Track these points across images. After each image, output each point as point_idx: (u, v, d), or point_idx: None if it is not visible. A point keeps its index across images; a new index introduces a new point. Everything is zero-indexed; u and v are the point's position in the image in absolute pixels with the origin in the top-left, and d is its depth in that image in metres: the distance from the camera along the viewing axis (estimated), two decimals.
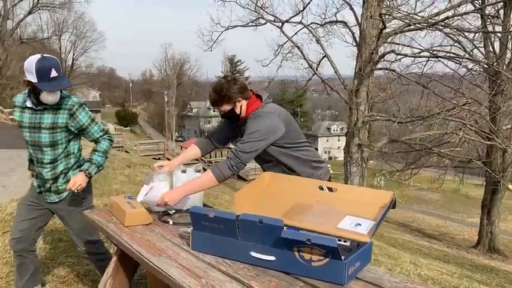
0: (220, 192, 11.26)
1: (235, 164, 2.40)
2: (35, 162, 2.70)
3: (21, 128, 2.64)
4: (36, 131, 2.60)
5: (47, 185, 2.72)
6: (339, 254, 1.53)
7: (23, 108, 2.62)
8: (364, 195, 2.14)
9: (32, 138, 2.62)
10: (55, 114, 2.60)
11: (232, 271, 1.70)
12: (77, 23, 45.33)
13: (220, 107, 2.57)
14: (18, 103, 2.65)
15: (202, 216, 1.82)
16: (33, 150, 2.67)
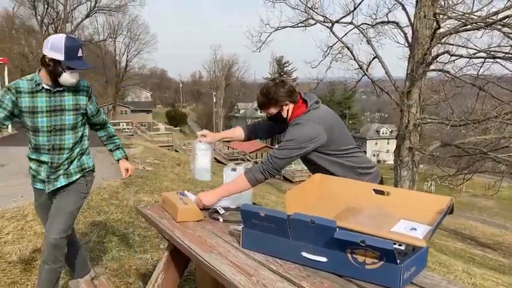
0: (266, 193, 11.28)
1: (267, 169, 2.40)
2: (50, 149, 2.56)
3: (31, 114, 2.47)
4: (58, 114, 2.52)
5: (58, 172, 2.62)
6: (394, 258, 1.49)
7: (33, 93, 2.46)
8: (419, 199, 2.07)
9: (52, 123, 2.51)
10: (75, 96, 2.57)
11: (283, 271, 1.69)
12: (131, 26, 46.97)
13: (267, 109, 2.56)
14: (24, 88, 2.47)
15: (253, 214, 1.82)
16: (49, 137, 2.53)
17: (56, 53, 2.36)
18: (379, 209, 2.07)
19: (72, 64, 2.38)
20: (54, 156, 2.56)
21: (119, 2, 40.57)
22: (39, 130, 2.49)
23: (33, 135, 2.52)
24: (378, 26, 14.76)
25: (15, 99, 2.43)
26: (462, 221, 24.22)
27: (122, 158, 2.86)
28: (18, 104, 2.44)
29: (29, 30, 37.01)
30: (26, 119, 2.47)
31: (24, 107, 2.45)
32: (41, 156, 2.57)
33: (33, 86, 2.46)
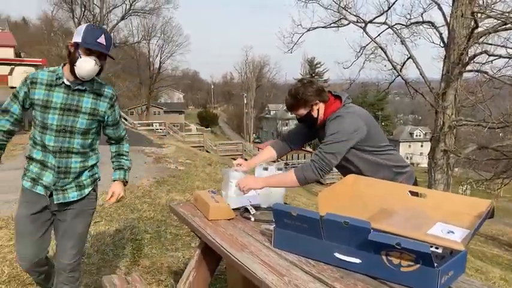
0: (297, 194, 11.23)
1: (319, 166, 2.33)
2: (56, 152, 2.29)
3: (44, 108, 2.26)
4: (71, 114, 2.29)
5: (67, 180, 2.34)
6: (431, 261, 1.44)
7: (51, 86, 2.27)
8: (457, 202, 2.00)
9: (61, 122, 2.27)
10: (96, 100, 2.36)
11: (316, 271, 1.67)
12: (164, 28, 47.63)
13: (296, 111, 2.52)
14: (41, 79, 2.28)
15: (285, 214, 1.81)
16: (56, 137, 2.28)
17: (77, 36, 2.21)
18: (414, 211, 2.02)
19: (88, 45, 2.19)
20: (61, 160, 2.30)
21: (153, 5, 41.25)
22: (47, 127, 2.27)
23: (40, 132, 2.29)
24: (412, 26, 14.48)
25: (27, 90, 2.27)
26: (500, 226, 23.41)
27: (118, 180, 2.55)
28: (30, 96, 2.27)
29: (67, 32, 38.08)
30: (37, 113, 2.27)
31: (37, 99, 2.26)
32: (47, 157, 2.30)
33: (53, 79, 2.28)
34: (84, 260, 3.62)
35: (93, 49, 2.20)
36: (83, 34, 2.19)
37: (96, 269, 3.52)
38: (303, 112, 2.50)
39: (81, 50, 2.20)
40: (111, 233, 4.37)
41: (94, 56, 2.21)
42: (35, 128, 2.31)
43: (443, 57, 13.10)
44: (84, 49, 2.20)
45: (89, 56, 2.20)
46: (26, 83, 2.28)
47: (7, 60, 19.48)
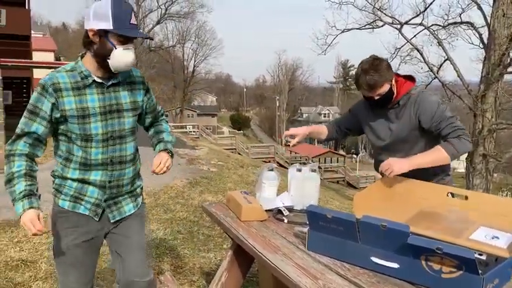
0: (330, 198, 11.10)
1: (466, 137, 2.28)
2: (107, 164, 1.90)
3: (81, 118, 1.82)
4: (116, 116, 1.89)
5: (121, 193, 1.98)
6: (475, 267, 1.37)
7: (79, 89, 1.82)
8: (501, 205, 1.91)
9: (109, 128, 1.88)
10: (131, 90, 1.96)
11: (351, 275, 1.62)
12: (198, 32, 48.29)
13: (381, 87, 2.33)
14: (65, 83, 1.80)
15: (319, 216, 1.76)
16: (105, 147, 1.88)
17: (101, 22, 1.73)
18: (456, 213, 1.94)
19: (125, 32, 1.75)
20: (114, 174, 1.92)
21: (188, 9, 41.95)
22: (91, 139, 1.84)
23: (80, 146, 1.85)
24: (449, 27, 14.11)
25: (54, 101, 1.78)
26: None
27: (163, 150, 2.11)
28: (60, 107, 1.79)
29: None
30: (73, 126, 1.82)
31: (70, 110, 1.80)
32: (91, 174, 1.89)
33: (78, 80, 1.82)
34: None
35: (130, 36, 1.78)
36: (113, 16, 1.72)
37: None
38: (386, 88, 2.34)
39: (113, 38, 1.75)
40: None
41: (131, 43, 1.81)
42: (67, 142, 1.87)
43: (482, 59, 12.70)
44: (118, 37, 1.76)
45: (125, 44, 1.78)
46: (48, 92, 1.77)
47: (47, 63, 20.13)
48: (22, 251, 3.85)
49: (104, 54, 1.77)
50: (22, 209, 1.72)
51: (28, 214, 1.70)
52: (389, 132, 2.49)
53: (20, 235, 4.26)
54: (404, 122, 2.42)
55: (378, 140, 2.57)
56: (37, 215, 1.71)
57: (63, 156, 1.90)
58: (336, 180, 31.19)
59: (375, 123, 2.56)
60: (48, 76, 1.80)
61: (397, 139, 2.46)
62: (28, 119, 1.80)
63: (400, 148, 2.45)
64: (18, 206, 1.73)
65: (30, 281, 3.27)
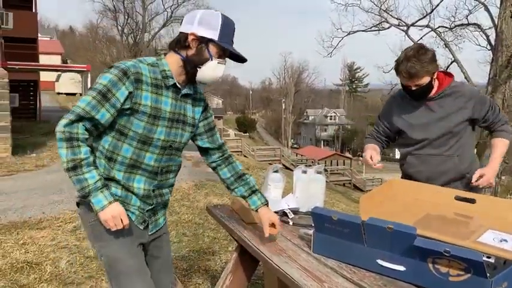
0: (336, 201, 11.06)
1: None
2: (156, 173, 1.78)
3: (152, 118, 1.68)
4: (180, 127, 1.79)
5: (158, 206, 1.85)
6: (483, 270, 1.34)
7: (157, 88, 1.69)
8: (508, 208, 1.88)
9: (171, 137, 1.76)
10: (193, 106, 1.85)
11: (357, 278, 1.59)
12: None
13: (420, 79, 2.27)
14: (146, 77, 1.66)
15: (325, 218, 1.74)
16: (160, 155, 1.75)
17: (207, 30, 1.66)
18: (463, 216, 1.91)
19: (226, 45, 1.69)
20: (159, 183, 1.81)
21: None
22: (150, 143, 1.70)
23: (135, 147, 1.70)
24: (456, 28, 14.07)
25: (132, 90, 1.62)
26: None
27: (261, 206, 1.98)
28: (133, 100, 1.63)
29: (110, 39, 39.37)
30: (138, 124, 1.66)
31: (144, 106, 1.65)
32: (135, 181, 1.74)
33: (158, 77, 1.70)
34: None
35: (229, 51, 1.72)
36: (221, 28, 1.67)
37: None
38: (427, 80, 2.28)
39: (213, 48, 1.69)
40: None
41: (224, 58, 1.75)
42: (117, 140, 1.69)
43: (490, 61, 12.62)
44: (219, 49, 1.70)
45: (221, 58, 1.72)
46: (129, 79, 1.61)
47: (54, 66, 20.27)
48: (27, 253, 3.86)
49: (198, 62, 1.70)
50: (107, 201, 1.59)
51: (116, 207, 1.60)
52: (436, 124, 2.39)
53: (26, 237, 4.28)
54: (453, 112, 2.36)
55: (421, 134, 2.45)
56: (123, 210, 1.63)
57: (107, 155, 1.70)
58: (342, 183, 31.12)
59: (415, 117, 2.45)
60: (131, 63, 1.65)
61: (446, 131, 2.38)
62: (97, 102, 1.58)
63: (446, 142, 2.40)
64: (99, 197, 1.58)
65: (35, 283, 3.27)
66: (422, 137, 2.44)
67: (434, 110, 2.39)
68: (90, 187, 1.57)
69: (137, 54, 36.59)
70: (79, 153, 1.56)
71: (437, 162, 2.42)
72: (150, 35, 39.74)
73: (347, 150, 56.76)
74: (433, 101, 2.39)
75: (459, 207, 1.99)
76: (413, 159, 2.51)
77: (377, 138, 2.68)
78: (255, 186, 1.99)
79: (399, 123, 2.52)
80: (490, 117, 2.37)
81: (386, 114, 2.62)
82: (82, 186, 1.58)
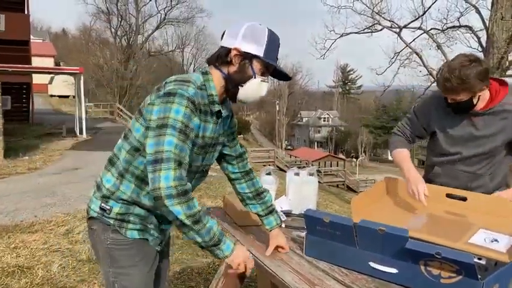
0: (329, 202, 11.08)
1: None
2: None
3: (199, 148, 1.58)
4: (213, 151, 1.68)
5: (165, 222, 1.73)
6: (475, 272, 1.34)
7: (206, 114, 1.56)
8: (500, 206, 1.88)
9: (206, 162, 1.67)
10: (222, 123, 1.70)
11: (349, 281, 1.59)
12: (198, 37, 48.41)
13: (457, 95, 2.05)
14: (197, 101, 1.50)
15: (317, 220, 1.74)
16: (192, 179, 1.65)
17: (252, 45, 1.54)
18: (455, 215, 1.92)
19: (272, 62, 1.58)
20: None
21: (187, 14, 42.05)
22: (187, 170, 1.52)
23: None
24: (448, 30, 14.14)
25: (197, 121, 1.52)
26: None
27: (276, 227, 1.91)
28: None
29: (104, 42, 39.28)
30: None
31: (196, 136, 1.55)
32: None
33: (206, 102, 1.56)
34: None
35: (273, 67, 1.60)
36: (267, 44, 1.55)
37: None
38: (465, 98, 2.05)
39: (257, 65, 1.57)
40: None
41: (268, 76, 1.63)
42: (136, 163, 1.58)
43: None
44: (264, 66, 1.58)
45: (265, 75, 1.60)
46: (196, 109, 1.49)
47: (46, 69, 20.17)
48: (19, 257, 3.82)
49: (240, 80, 1.56)
50: (233, 246, 1.57)
51: (243, 252, 1.62)
52: (475, 142, 2.17)
53: (17, 240, 4.24)
54: (497, 132, 2.13)
55: (456, 148, 2.23)
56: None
57: (140, 176, 1.58)
58: (336, 184, 31.19)
59: (455, 129, 2.22)
60: (193, 91, 1.49)
61: (483, 152, 2.17)
62: (183, 142, 1.43)
63: (479, 161, 2.20)
64: (227, 244, 1.54)
65: (27, 287, 3.24)
66: (456, 150, 2.22)
67: (479, 128, 2.15)
68: (217, 235, 1.51)
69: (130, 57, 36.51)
70: (196, 206, 1.45)
71: (467, 179, 2.19)
72: (143, 37, 39.74)
73: (340, 152, 56.89)
74: (479, 117, 2.15)
75: (451, 205, 1.99)
76: (442, 171, 2.29)
77: (408, 137, 2.39)
78: (272, 205, 1.92)
79: (437, 128, 2.27)
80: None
81: (425, 112, 2.33)
82: (210, 238, 1.48)
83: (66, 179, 8.00)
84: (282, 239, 1.90)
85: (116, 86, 34.76)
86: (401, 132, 2.41)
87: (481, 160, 2.18)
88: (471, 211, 1.90)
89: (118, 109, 26.28)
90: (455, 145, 2.22)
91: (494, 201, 1.94)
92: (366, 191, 2.17)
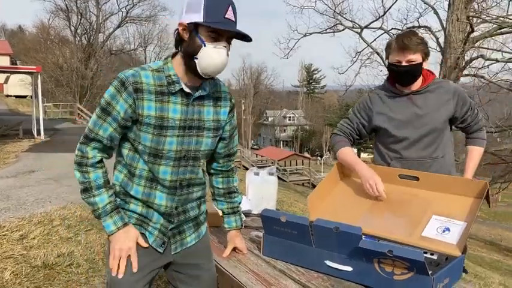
0: (294, 201, 11.15)
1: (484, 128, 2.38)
2: (174, 188, 1.60)
3: (158, 129, 1.52)
4: (194, 134, 1.60)
5: (183, 221, 1.67)
6: (425, 269, 1.36)
7: (162, 95, 1.53)
8: (451, 184, 1.91)
9: (184, 146, 1.58)
10: (216, 107, 1.66)
11: (305, 280, 1.59)
12: (161, 35, 47.70)
13: (413, 54, 2.14)
14: (148, 85, 1.51)
15: (274, 220, 1.73)
16: (175, 167, 1.58)
17: (193, 14, 1.47)
18: (410, 200, 1.93)
19: (216, 25, 1.45)
20: (180, 199, 1.63)
21: (149, 12, 41.41)
22: (162, 155, 1.55)
23: (148, 161, 1.56)
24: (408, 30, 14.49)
25: (132, 102, 1.50)
26: (498, 231, 23.38)
27: (236, 229, 1.89)
28: (136, 110, 1.50)
29: (63, 40, 38.16)
30: (146, 136, 1.53)
31: (147, 117, 1.51)
32: (154, 196, 1.59)
33: (163, 83, 1.54)
34: (73, 269, 3.52)
35: (222, 29, 1.47)
36: (205, 8, 1.46)
37: (85, 278, 3.42)
38: (418, 59, 2.15)
39: (203, 33, 1.48)
40: (102, 242, 4.28)
41: (223, 40, 1.50)
42: (133, 152, 1.58)
43: (439, 62, 13.10)
44: (209, 31, 1.47)
45: (217, 41, 1.48)
46: (127, 90, 1.48)
47: (1, 68, 19.41)
48: None
49: (192, 52, 1.48)
50: (115, 227, 1.53)
51: (125, 237, 1.54)
52: (419, 121, 2.21)
53: None
54: (437, 109, 2.22)
55: (402, 131, 2.24)
56: (137, 235, 1.57)
57: (126, 167, 1.60)
58: (302, 183, 31.49)
59: (397, 112, 2.26)
60: (132, 72, 1.51)
61: (430, 129, 2.21)
62: (99, 118, 1.52)
63: (429, 142, 2.23)
64: (107, 222, 1.53)
65: None
66: (403, 135, 2.24)
67: (418, 105, 2.22)
68: (100, 210, 1.54)
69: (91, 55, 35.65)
70: (88, 177, 1.54)
71: (424, 167, 2.20)
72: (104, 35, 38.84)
73: (306, 151, 57.45)
74: (417, 95, 2.24)
75: (404, 186, 2.01)
76: (398, 165, 2.26)
77: (349, 136, 2.41)
78: (238, 207, 1.88)
79: (379, 119, 2.30)
80: (469, 118, 2.28)
81: (364, 107, 2.38)
82: (93, 209, 1.55)
83: (22, 183, 7.72)
84: (239, 241, 1.88)
85: (76, 85, 33.83)
86: (342, 132, 2.41)
87: (431, 142, 2.23)
88: (424, 192, 1.93)
89: (78, 109, 25.60)
90: (401, 129, 2.24)
91: (445, 180, 1.95)
92: (320, 184, 2.15)
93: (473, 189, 1.82)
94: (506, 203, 31.35)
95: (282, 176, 30.11)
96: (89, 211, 5.32)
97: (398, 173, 2.04)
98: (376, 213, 1.93)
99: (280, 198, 9.14)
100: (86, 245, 4.11)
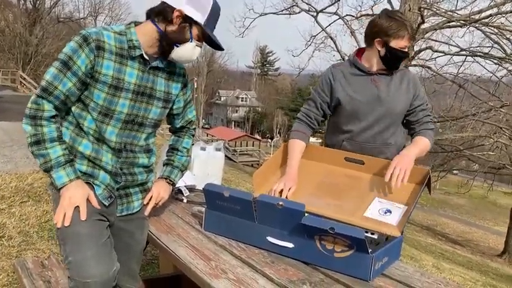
0: (242, 180, 11.16)
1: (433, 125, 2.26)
2: (118, 150, 1.64)
3: (113, 89, 1.57)
4: (145, 100, 1.65)
5: (130, 185, 1.70)
6: (365, 246, 1.36)
7: (122, 57, 1.58)
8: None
9: (134, 111, 1.63)
10: (168, 81, 1.73)
11: (246, 256, 1.56)
12: (112, 5, 45.85)
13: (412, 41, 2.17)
14: (110, 45, 1.56)
15: (216, 194, 1.68)
16: (122, 130, 1.63)
17: (195, 11, 1.57)
18: (354, 183, 1.93)
19: (209, 30, 1.62)
20: (125, 161, 1.66)
21: None
22: (112, 116, 1.59)
23: (97, 120, 1.58)
24: (362, 18, 14.69)
25: (92, 59, 1.52)
26: (435, 217, 24.69)
27: (164, 177, 1.88)
28: (95, 67, 1.53)
29: (5, 3, 35.79)
30: (100, 94, 1.55)
31: (105, 75, 1.55)
32: (101, 155, 1.61)
33: (124, 46, 1.58)
34: (4, 242, 3.33)
35: (213, 40, 1.64)
36: (209, 14, 1.60)
37: (17, 251, 3.24)
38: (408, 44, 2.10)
39: (195, 31, 1.60)
40: (38, 214, 4.07)
41: (203, 41, 1.67)
42: (81, 110, 1.59)
43: None
44: (202, 34, 1.62)
45: (200, 41, 1.64)
46: (89, 46, 1.51)
47: None
48: None
49: (176, 40, 1.60)
50: (68, 178, 1.53)
51: (77, 190, 1.54)
52: (379, 103, 2.13)
53: None
54: (401, 96, 2.14)
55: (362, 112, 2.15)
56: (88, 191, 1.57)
57: (73, 123, 1.61)
58: (251, 164, 31.69)
59: (357, 91, 2.15)
60: (95, 30, 1.55)
61: (389, 114, 2.14)
62: (59, 71, 1.52)
63: (384, 128, 2.16)
64: (59, 173, 1.52)
65: None
66: (360, 116, 2.16)
67: (380, 88, 2.13)
68: (52, 162, 1.52)
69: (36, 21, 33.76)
70: (41, 130, 1.52)
71: (375, 152, 2.13)
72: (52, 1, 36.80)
73: (257, 132, 57.76)
74: (382, 77, 2.15)
75: (349, 169, 2.00)
76: (349, 146, 2.19)
77: (313, 121, 2.25)
78: (175, 162, 1.91)
79: (340, 94, 2.16)
80: (420, 113, 2.17)
81: (326, 84, 2.23)
82: (44, 161, 1.52)
83: None
84: (157, 190, 1.81)
85: (20, 52, 31.97)
86: (305, 116, 2.26)
87: (386, 127, 2.16)
88: (368, 176, 1.94)
89: (21, 77, 24.27)
90: (360, 109, 2.15)
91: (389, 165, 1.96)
92: (265, 163, 2.13)
93: (416, 175, 1.84)
94: (444, 191, 33.06)
95: (232, 157, 30.14)
96: (26, 182, 5.05)
97: (344, 156, 2.02)
98: (320, 194, 1.92)
99: (228, 178, 9.11)
100: (20, 217, 3.89)
